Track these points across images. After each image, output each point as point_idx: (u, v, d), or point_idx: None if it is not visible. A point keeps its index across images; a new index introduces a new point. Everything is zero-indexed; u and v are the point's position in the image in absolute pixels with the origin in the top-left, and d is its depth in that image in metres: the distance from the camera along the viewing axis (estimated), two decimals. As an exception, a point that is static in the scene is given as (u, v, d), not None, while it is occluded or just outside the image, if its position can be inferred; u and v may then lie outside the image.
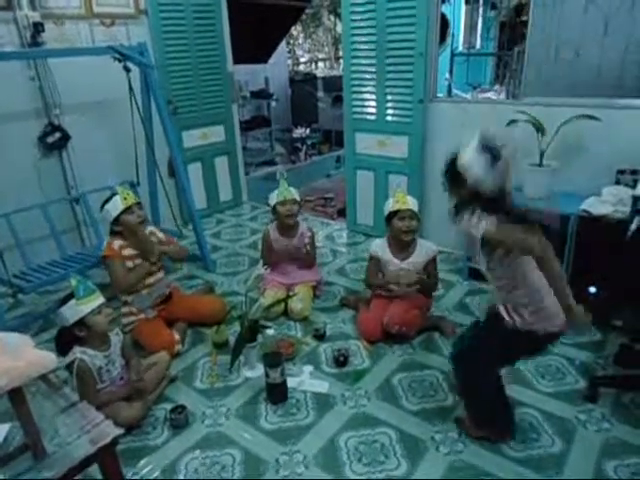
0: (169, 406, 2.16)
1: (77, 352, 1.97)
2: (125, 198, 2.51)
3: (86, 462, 1.29)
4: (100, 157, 3.65)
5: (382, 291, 2.69)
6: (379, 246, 2.70)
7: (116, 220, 2.52)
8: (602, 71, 2.98)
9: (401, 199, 2.57)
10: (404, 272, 2.59)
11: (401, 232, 2.56)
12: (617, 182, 2.74)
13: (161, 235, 2.75)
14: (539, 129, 2.83)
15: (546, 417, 2.04)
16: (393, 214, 2.57)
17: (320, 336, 2.65)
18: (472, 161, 1.63)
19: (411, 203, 2.58)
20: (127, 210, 2.51)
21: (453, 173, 1.69)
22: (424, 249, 2.64)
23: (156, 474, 1.87)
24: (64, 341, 1.99)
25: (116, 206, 2.50)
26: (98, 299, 1.97)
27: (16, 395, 1.60)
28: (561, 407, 2.10)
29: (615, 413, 2.05)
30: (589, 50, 3.02)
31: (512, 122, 2.87)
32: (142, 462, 1.93)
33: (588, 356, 2.42)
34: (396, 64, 3.39)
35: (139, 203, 2.59)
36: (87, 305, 1.92)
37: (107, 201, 2.55)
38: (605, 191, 2.67)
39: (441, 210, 3.56)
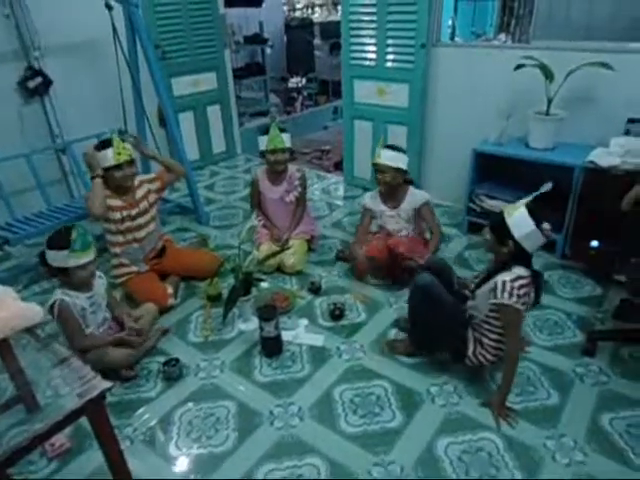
0: (162, 359, 2.14)
1: (58, 293, 1.94)
2: (119, 153, 2.37)
3: (74, 415, 1.25)
4: (85, 104, 3.48)
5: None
6: (371, 197, 2.75)
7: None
8: (618, 13, 2.80)
9: (377, 152, 2.57)
10: (395, 219, 2.66)
11: (378, 183, 2.63)
12: (626, 132, 2.62)
13: (151, 176, 2.65)
14: (547, 75, 2.68)
15: (544, 370, 2.03)
16: (374, 165, 2.60)
17: (316, 290, 2.60)
18: (523, 219, 1.72)
19: (388, 156, 2.53)
20: (116, 166, 2.38)
21: (501, 226, 1.75)
22: (415, 197, 2.65)
23: (151, 424, 1.86)
24: (47, 264, 1.94)
25: (107, 159, 2.36)
26: (89, 256, 1.92)
27: (3, 347, 1.55)
28: (559, 361, 2.08)
29: (613, 366, 2.04)
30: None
31: (519, 67, 2.72)
32: (136, 414, 1.91)
33: (587, 310, 2.39)
34: (398, 4, 3.18)
35: (132, 161, 2.44)
36: (76, 259, 1.87)
37: (100, 147, 2.39)
38: (613, 142, 2.56)
39: (441, 162, 3.50)
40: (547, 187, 1.83)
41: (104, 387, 1.28)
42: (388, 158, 2.53)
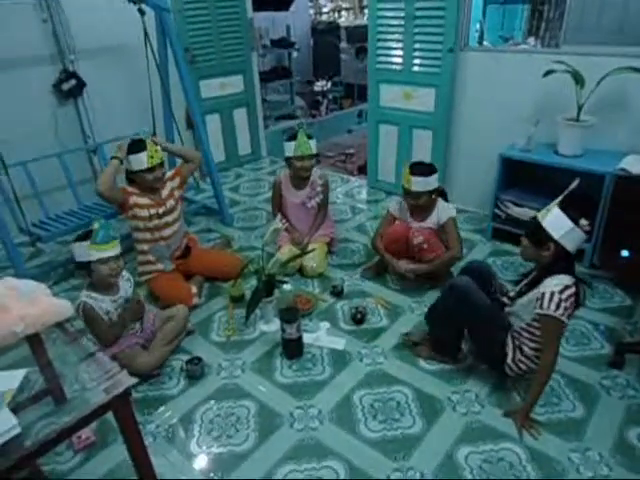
0: (185, 357, 2.17)
1: (83, 296, 1.97)
2: (152, 157, 2.42)
3: (100, 410, 1.28)
4: (116, 106, 3.57)
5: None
6: (398, 205, 2.70)
7: (134, 171, 2.46)
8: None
9: (407, 177, 2.48)
10: (420, 230, 2.57)
11: (412, 206, 2.59)
12: (660, 140, 2.56)
13: (170, 174, 2.67)
14: (578, 81, 2.63)
15: (569, 382, 1.99)
16: (404, 189, 2.54)
17: (338, 293, 2.61)
18: (559, 219, 1.70)
19: (420, 184, 2.44)
20: (149, 169, 2.44)
21: (538, 230, 1.72)
22: (442, 212, 2.57)
23: (173, 421, 1.90)
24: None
25: (140, 162, 2.41)
26: (112, 250, 1.93)
27: (34, 341, 1.61)
28: (585, 372, 2.04)
29: (641, 380, 1.98)
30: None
31: (549, 73, 2.67)
32: (159, 410, 1.95)
33: (616, 322, 2.33)
34: (426, 8, 3.16)
35: (162, 163, 2.50)
36: (97, 252, 1.90)
37: (132, 148, 2.43)
38: (646, 149, 2.50)
39: (467, 167, 3.46)
40: (575, 184, 1.78)
41: (130, 383, 1.31)
42: (420, 185, 2.45)
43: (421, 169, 2.47)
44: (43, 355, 1.69)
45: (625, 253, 2.44)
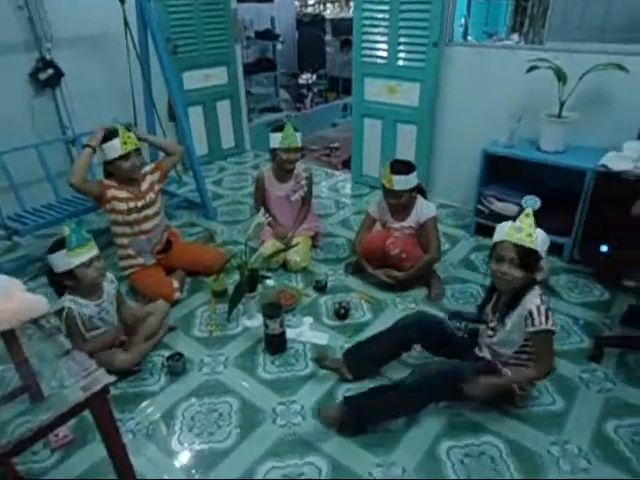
0: (167, 353, 2.14)
1: (67, 301, 1.90)
2: (125, 142, 2.37)
3: (78, 408, 1.25)
4: (95, 97, 3.48)
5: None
6: (377, 206, 2.67)
7: (110, 161, 2.41)
8: (634, 15, 2.76)
9: (387, 177, 2.44)
10: (400, 230, 2.59)
11: (390, 205, 2.56)
12: (639, 137, 2.59)
13: (151, 167, 2.62)
14: (561, 77, 2.65)
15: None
16: (384, 188, 2.51)
17: (321, 288, 2.60)
18: (544, 239, 1.66)
19: (401, 182, 2.41)
20: (124, 156, 2.38)
21: (532, 255, 1.64)
22: (422, 211, 2.54)
23: (154, 418, 1.87)
24: (55, 282, 1.93)
25: (114, 149, 2.36)
26: (90, 251, 1.86)
27: (9, 337, 1.56)
28: (564, 366, 2.06)
29: (619, 374, 2.01)
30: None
31: (532, 69, 2.69)
32: (139, 408, 1.92)
33: (594, 316, 2.37)
34: (412, 2, 3.15)
35: (138, 149, 2.45)
36: (77, 257, 1.82)
37: (106, 138, 2.39)
38: (626, 146, 2.53)
39: (450, 162, 3.47)
40: (533, 204, 1.67)
41: (108, 381, 1.28)
42: (402, 183, 2.42)
43: (400, 167, 2.44)
44: (18, 352, 1.64)
45: (604, 248, 2.47)
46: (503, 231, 1.67)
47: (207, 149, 4.46)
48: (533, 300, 1.66)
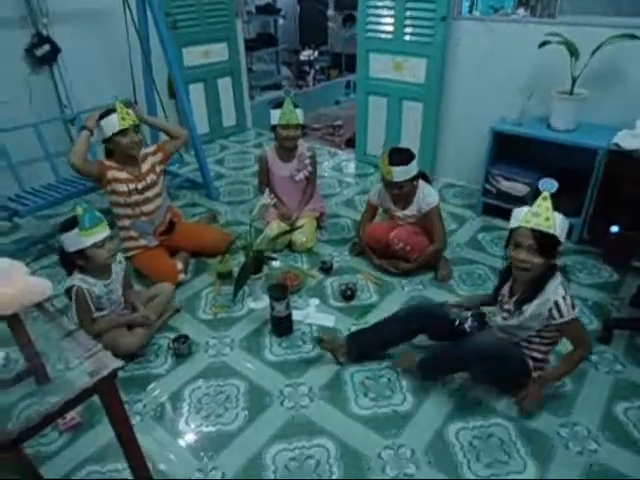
0: (172, 335, 2.13)
1: (76, 279, 1.90)
2: (123, 118, 2.31)
3: (85, 394, 1.24)
4: (94, 74, 3.40)
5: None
6: (378, 194, 2.59)
7: (109, 139, 2.35)
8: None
9: (386, 169, 2.33)
10: (402, 218, 2.55)
11: (396, 195, 2.46)
12: (653, 114, 2.53)
13: (152, 148, 2.57)
14: (573, 53, 2.57)
15: (558, 357, 1.99)
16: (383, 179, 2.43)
17: (327, 269, 2.57)
18: (563, 223, 1.60)
19: (401, 173, 2.31)
20: (122, 131, 2.33)
21: (553, 243, 1.58)
22: (424, 199, 2.45)
23: (161, 400, 1.86)
24: (67, 262, 1.92)
25: (112, 125, 2.31)
26: (103, 232, 1.86)
27: (13, 321, 1.54)
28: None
29: (628, 355, 2.00)
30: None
31: (544, 44, 2.60)
32: (146, 390, 1.91)
33: (603, 297, 2.35)
34: (419, -26, 3.04)
35: (137, 125, 2.39)
36: (90, 237, 1.81)
37: (104, 115, 2.34)
38: (639, 124, 2.47)
39: (458, 140, 3.40)
40: (550, 187, 1.59)
41: (116, 366, 1.26)
42: (402, 174, 2.32)
43: (399, 158, 2.32)
44: (23, 335, 1.62)
45: (615, 229, 2.44)
46: (520, 216, 1.61)
47: (208, 127, 4.38)
48: (557, 291, 1.61)
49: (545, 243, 1.56)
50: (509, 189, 2.88)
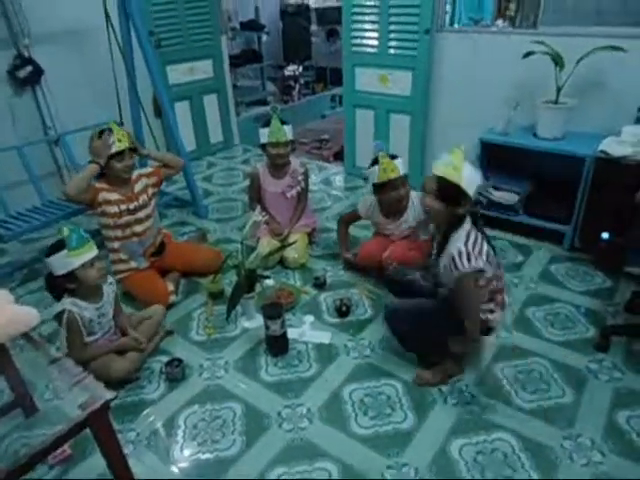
0: (165, 359, 2.07)
1: (66, 303, 1.84)
2: (120, 140, 2.26)
3: (77, 427, 1.18)
4: (78, 94, 3.36)
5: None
6: (367, 207, 2.56)
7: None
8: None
9: (388, 166, 2.30)
10: (394, 230, 2.53)
11: (395, 201, 2.41)
12: (638, 121, 2.56)
13: (148, 170, 2.54)
14: (557, 62, 2.60)
15: (556, 367, 1.98)
16: (382, 183, 2.34)
17: (320, 284, 2.54)
18: (473, 175, 1.67)
19: (399, 166, 2.32)
20: (118, 154, 2.27)
21: (455, 192, 1.64)
22: (417, 209, 2.42)
23: (155, 428, 1.80)
24: (55, 287, 1.86)
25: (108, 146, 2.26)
26: (91, 251, 1.81)
27: (-1, 352, 1.48)
28: (571, 356, 2.03)
29: (627, 362, 1.99)
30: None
31: (529, 54, 2.63)
32: (139, 417, 1.85)
33: (597, 304, 2.34)
34: (402, -12, 3.07)
35: (133, 149, 2.35)
36: (79, 257, 1.76)
37: (99, 136, 2.25)
38: (625, 131, 2.49)
39: (445, 152, 3.41)
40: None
41: (108, 397, 1.21)
42: (401, 166, 2.31)
43: (388, 157, 2.33)
44: (9, 365, 1.57)
45: (605, 235, 2.45)
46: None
47: (195, 145, 4.35)
48: (456, 244, 1.64)
49: (449, 191, 1.64)
50: (499, 198, 2.89)
